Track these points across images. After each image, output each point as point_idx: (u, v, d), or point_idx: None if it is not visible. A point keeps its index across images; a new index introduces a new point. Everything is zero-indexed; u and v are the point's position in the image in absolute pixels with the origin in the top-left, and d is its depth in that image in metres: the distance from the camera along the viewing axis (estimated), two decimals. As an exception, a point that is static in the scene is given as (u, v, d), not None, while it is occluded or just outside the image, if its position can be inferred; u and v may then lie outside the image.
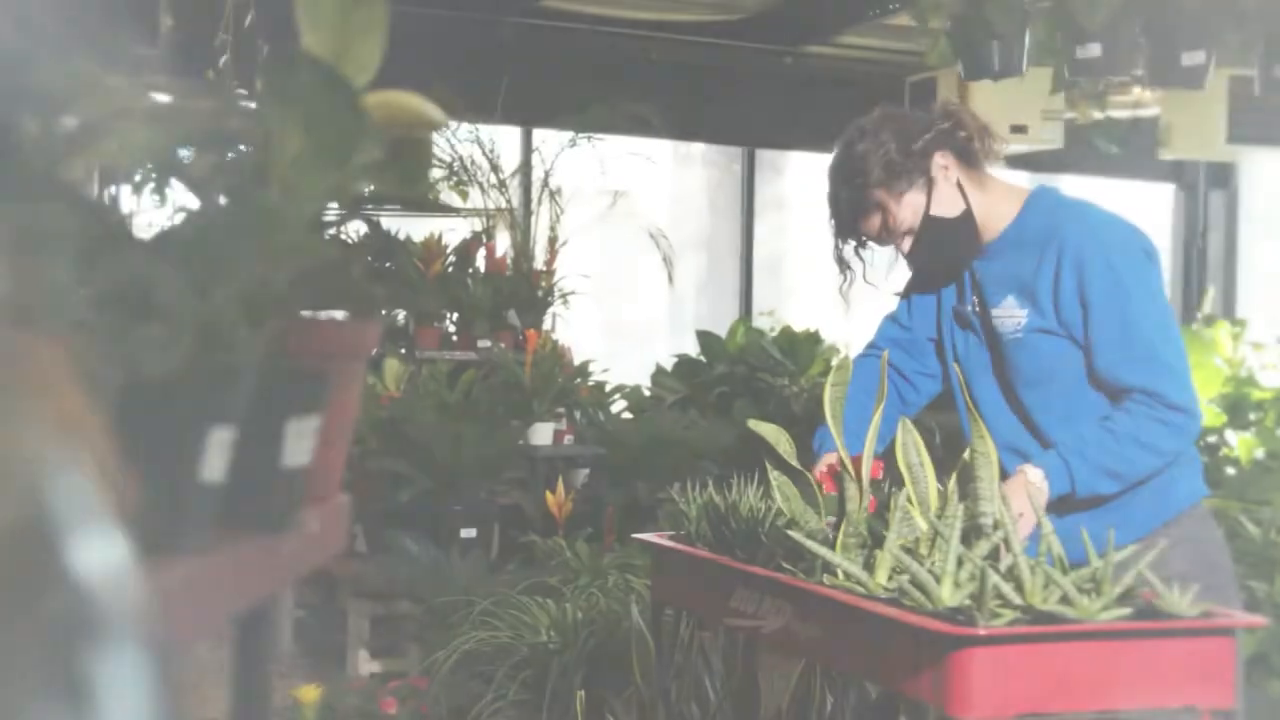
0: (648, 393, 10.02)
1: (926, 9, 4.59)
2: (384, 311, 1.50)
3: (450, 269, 8.28)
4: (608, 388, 8.76)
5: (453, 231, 8.79)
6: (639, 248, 9.64)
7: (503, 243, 8.92)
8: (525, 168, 9.57)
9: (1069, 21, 4.36)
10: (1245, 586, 4.47)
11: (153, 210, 1.43)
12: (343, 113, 1.40)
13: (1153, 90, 7.99)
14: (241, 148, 1.48)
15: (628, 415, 9.22)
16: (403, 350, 8.11)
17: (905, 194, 3.32)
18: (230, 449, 1.16)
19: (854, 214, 3.37)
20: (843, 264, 3.47)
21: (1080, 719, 2.76)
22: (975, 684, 2.43)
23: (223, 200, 1.46)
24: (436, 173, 8.67)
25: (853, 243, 3.44)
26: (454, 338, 8.30)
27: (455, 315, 8.34)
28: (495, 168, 8.93)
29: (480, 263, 8.50)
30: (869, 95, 3.43)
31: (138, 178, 1.42)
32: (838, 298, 3.57)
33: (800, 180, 12.12)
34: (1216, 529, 3.43)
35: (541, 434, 7.49)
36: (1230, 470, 6.20)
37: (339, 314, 1.51)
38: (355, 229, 1.52)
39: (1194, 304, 11.51)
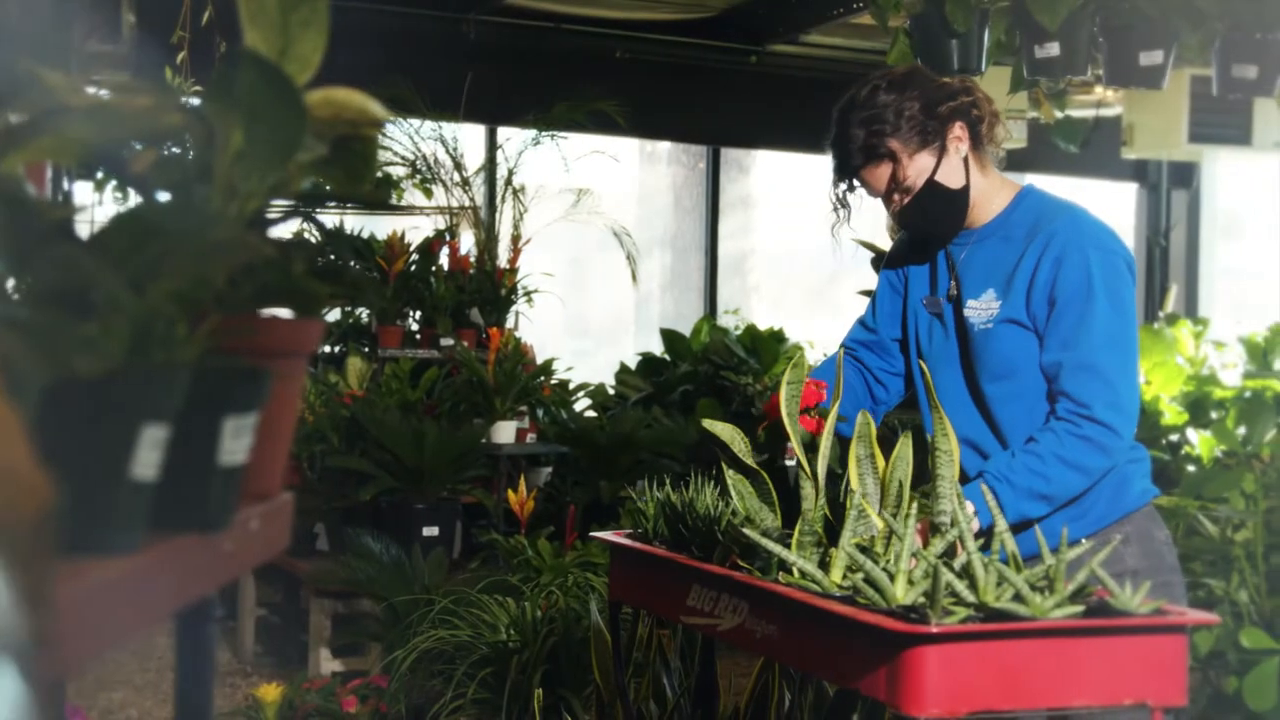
0: (612, 391, 10.04)
1: (886, 8, 4.59)
2: (327, 309, 1.50)
3: (413, 267, 8.26)
4: (571, 386, 8.76)
5: (416, 230, 8.78)
6: (604, 246, 9.64)
7: (467, 241, 8.91)
8: (490, 166, 9.56)
9: (1028, 21, 4.37)
10: (1203, 584, 4.49)
11: (113, 206, 1.42)
12: (284, 110, 1.40)
13: (1115, 90, 8.02)
14: (185, 145, 1.48)
15: (592, 413, 9.23)
16: (365, 349, 8.09)
17: (918, 153, 3.33)
18: (164, 447, 1.15)
19: (864, 158, 3.35)
20: (839, 203, 3.46)
21: (1033, 716, 2.77)
22: (928, 682, 2.44)
23: (163, 197, 1.45)
24: (399, 171, 8.67)
25: (844, 186, 3.43)
26: (417, 336, 8.28)
27: (418, 313, 8.33)
28: (459, 166, 8.92)
29: (444, 261, 8.48)
30: (834, 94, 3.42)
31: (99, 175, 1.42)
32: (802, 296, 3.58)
33: (766, 179, 12.14)
34: (1164, 527, 3.45)
35: (504, 432, 7.48)
36: (1191, 468, 6.23)
37: (282, 312, 1.51)
38: (308, 227, 1.52)
39: (1156, 303, 11.57)
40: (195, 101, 1.47)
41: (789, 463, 3.14)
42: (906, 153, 3.34)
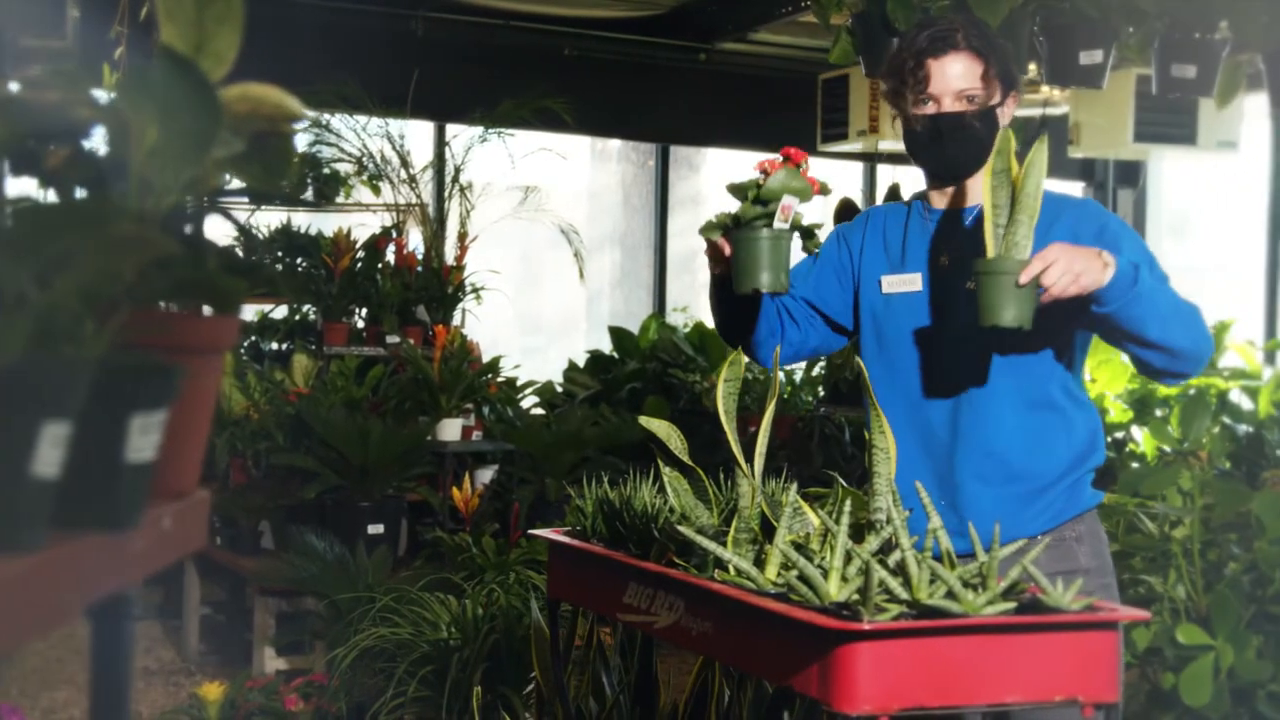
0: (560, 389, 10.03)
1: (828, 6, 4.60)
2: (241, 305, 1.48)
3: (359, 264, 8.23)
4: (520, 383, 8.75)
5: (363, 227, 8.76)
6: (555, 243, 9.64)
7: (415, 238, 8.89)
8: (438, 163, 9.54)
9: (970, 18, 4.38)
10: (1142, 580, 4.51)
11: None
12: (198, 105, 1.39)
13: (1061, 89, 8.05)
14: (101, 140, 1.47)
15: (540, 411, 9.22)
16: (312, 346, 8.06)
17: (996, 82, 3.38)
18: (67, 444, 1.14)
19: (968, 44, 3.37)
20: (897, 91, 3.45)
21: (965, 713, 2.78)
22: (859, 679, 2.44)
23: (78, 192, 1.44)
24: (347, 167, 8.64)
25: (912, 69, 3.38)
26: (363, 334, 8.26)
27: (364, 311, 8.30)
28: (405, 163, 8.89)
29: (390, 258, 8.46)
30: (782, 92, 3.43)
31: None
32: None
33: (716, 177, 12.15)
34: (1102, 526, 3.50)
35: (450, 430, 7.47)
36: (1136, 465, 6.26)
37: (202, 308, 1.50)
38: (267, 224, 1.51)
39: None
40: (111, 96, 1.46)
41: None
42: (992, 72, 3.37)
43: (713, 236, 3.31)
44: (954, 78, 3.36)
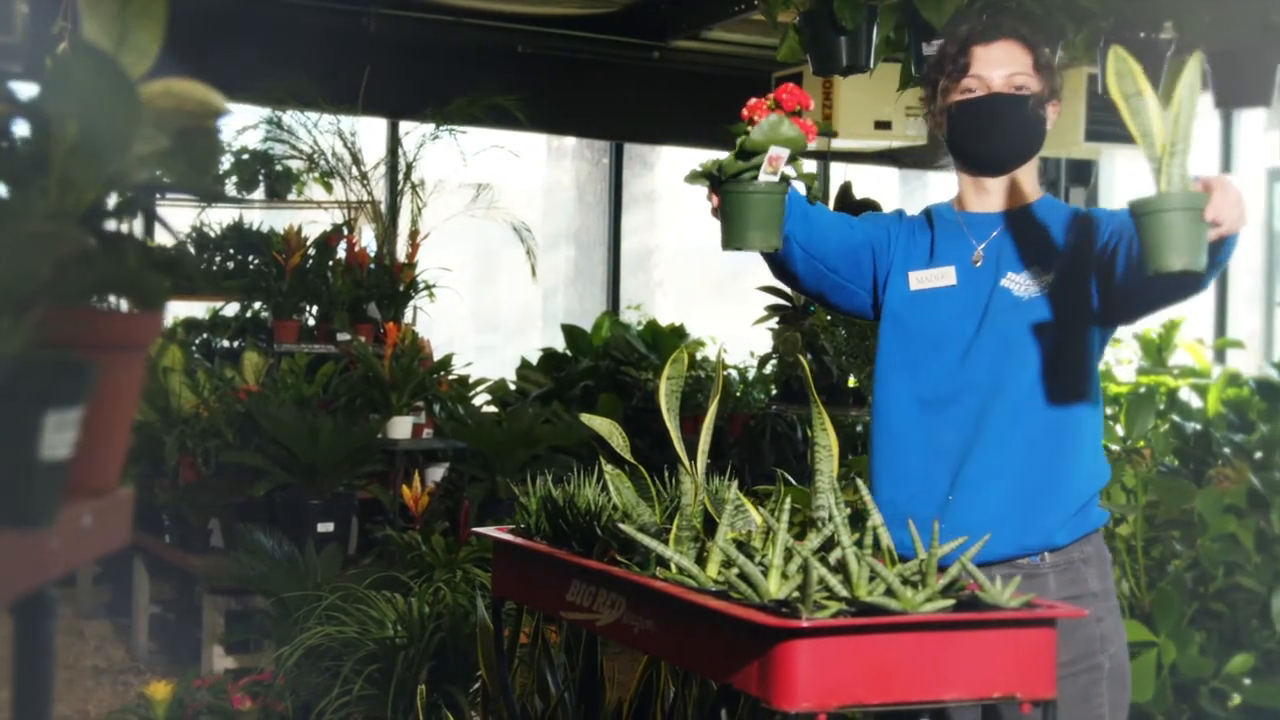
0: (513, 386, 10.03)
1: (774, 4, 4.59)
2: (163, 302, 1.47)
3: (310, 262, 8.21)
4: (474, 381, 8.74)
5: (315, 224, 8.74)
6: (511, 241, 9.62)
7: (368, 236, 8.87)
8: (391, 160, 9.52)
9: (915, 18, 4.38)
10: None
11: None
12: (119, 101, 1.38)
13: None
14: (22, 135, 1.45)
15: (492, 409, 9.21)
16: (262, 343, 8.03)
17: (1045, 78, 3.30)
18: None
19: (1017, 35, 3.30)
20: (936, 78, 3.37)
21: (904, 710, 2.78)
22: (798, 676, 2.44)
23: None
24: (298, 164, 8.62)
25: (956, 56, 3.29)
26: (314, 331, 8.23)
27: (315, 308, 8.28)
28: (357, 160, 8.87)
29: (342, 255, 8.44)
30: (736, 90, 3.37)
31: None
32: (707, 291, 3.51)
33: (671, 174, 12.16)
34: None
35: (400, 428, 7.45)
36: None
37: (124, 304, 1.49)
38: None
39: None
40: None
41: None
42: (1042, 63, 3.30)
43: (697, 184, 3.10)
44: (1001, 62, 3.27)
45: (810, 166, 11.55)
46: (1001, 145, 3.32)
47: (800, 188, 3.21)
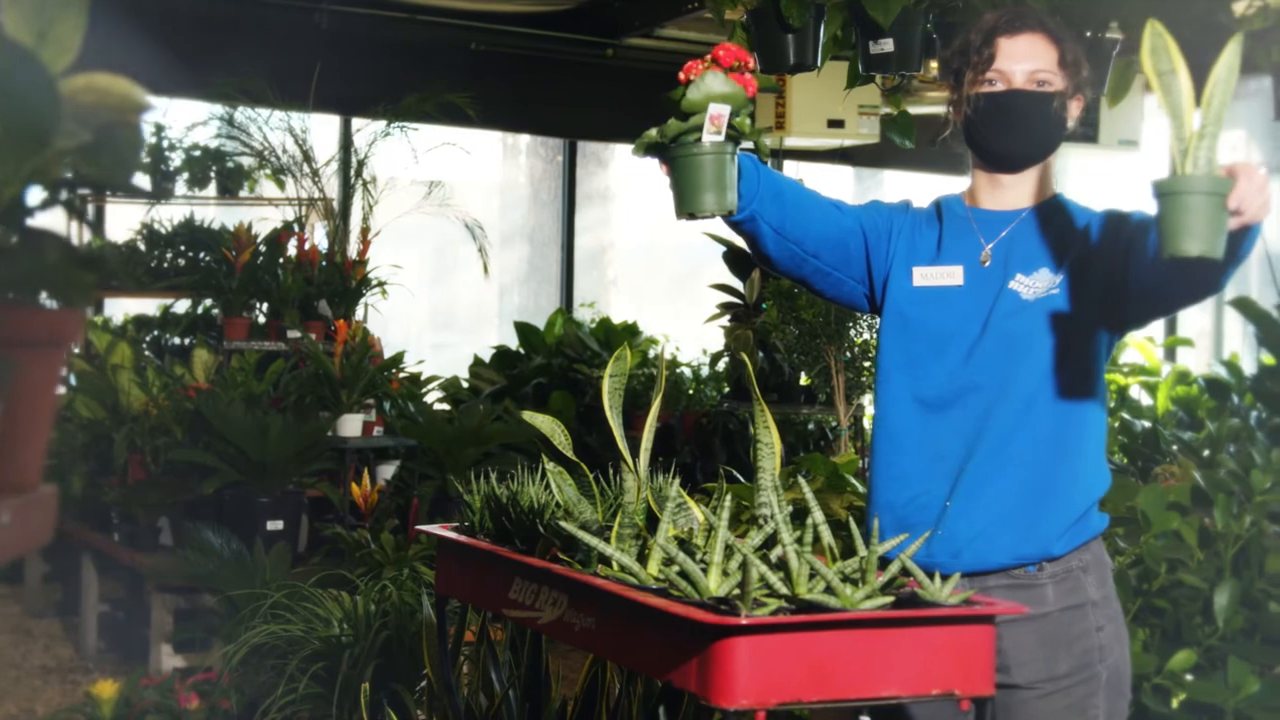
0: (466, 384, 10.02)
1: (722, 2, 4.60)
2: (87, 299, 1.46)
3: (260, 259, 8.18)
4: (426, 378, 8.72)
5: (265, 221, 8.71)
6: (466, 239, 9.61)
7: (319, 233, 8.85)
8: (344, 157, 9.49)
9: (862, 17, 4.39)
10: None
11: None
12: (37, 95, 1.37)
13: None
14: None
15: (445, 407, 9.19)
16: (212, 341, 8.00)
17: (1069, 74, 3.24)
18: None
19: (1043, 28, 3.24)
20: (960, 72, 3.27)
21: (843, 707, 2.79)
22: (737, 673, 2.44)
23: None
24: (248, 161, 8.59)
25: (980, 46, 3.23)
26: (264, 328, 8.20)
27: (265, 306, 8.25)
28: (308, 157, 8.84)
29: (292, 252, 8.41)
30: (688, 88, 3.32)
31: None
32: (662, 289, 3.49)
33: (625, 172, 12.17)
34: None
35: (350, 425, 7.43)
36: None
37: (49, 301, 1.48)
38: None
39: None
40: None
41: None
42: (1068, 60, 3.24)
43: (645, 157, 3.03)
44: (1025, 57, 3.21)
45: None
46: (1019, 143, 3.26)
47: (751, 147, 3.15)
